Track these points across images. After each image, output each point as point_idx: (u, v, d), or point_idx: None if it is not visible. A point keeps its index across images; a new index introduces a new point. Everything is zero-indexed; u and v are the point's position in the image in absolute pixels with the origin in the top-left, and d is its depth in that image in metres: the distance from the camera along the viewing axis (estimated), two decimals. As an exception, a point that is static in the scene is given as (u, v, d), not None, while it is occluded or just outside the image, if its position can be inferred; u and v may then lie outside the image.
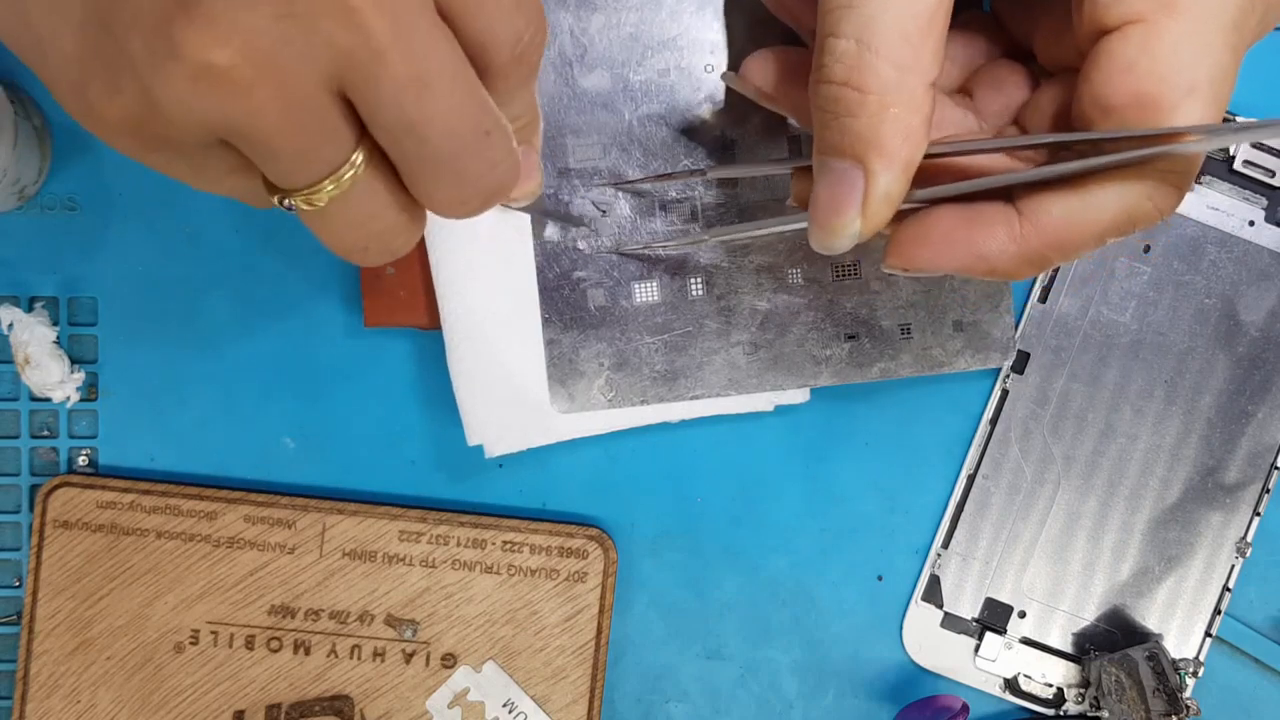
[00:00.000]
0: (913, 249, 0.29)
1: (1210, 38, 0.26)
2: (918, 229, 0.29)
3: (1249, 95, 0.39)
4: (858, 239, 0.28)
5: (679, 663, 0.41)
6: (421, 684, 0.39)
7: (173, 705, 0.38)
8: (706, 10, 0.36)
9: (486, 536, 0.39)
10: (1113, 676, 0.39)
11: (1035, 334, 0.40)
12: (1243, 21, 0.26)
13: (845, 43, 0.27)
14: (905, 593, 0.41)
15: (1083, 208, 0.27)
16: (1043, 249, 0.28)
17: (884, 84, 0.26)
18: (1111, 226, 0.28)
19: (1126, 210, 0.27)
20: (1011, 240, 0.28)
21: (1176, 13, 0.26)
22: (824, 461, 0.40)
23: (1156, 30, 0.26)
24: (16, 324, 0.38)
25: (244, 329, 0.39)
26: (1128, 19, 0.26)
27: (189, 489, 0.39)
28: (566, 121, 0.36)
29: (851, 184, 0.28)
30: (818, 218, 0.28)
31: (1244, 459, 0.40)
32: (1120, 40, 0.26)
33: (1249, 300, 0.39)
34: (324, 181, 0.25)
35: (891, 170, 0.27)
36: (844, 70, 0.27)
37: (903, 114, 0.27)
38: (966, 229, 0.28)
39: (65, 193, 0.39)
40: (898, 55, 0.26)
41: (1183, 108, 0.26)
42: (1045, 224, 0.28)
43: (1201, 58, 0.26)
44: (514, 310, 0.37)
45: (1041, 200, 0.28)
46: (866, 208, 0.28)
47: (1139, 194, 0.27)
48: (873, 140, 0.27)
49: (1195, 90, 0.26)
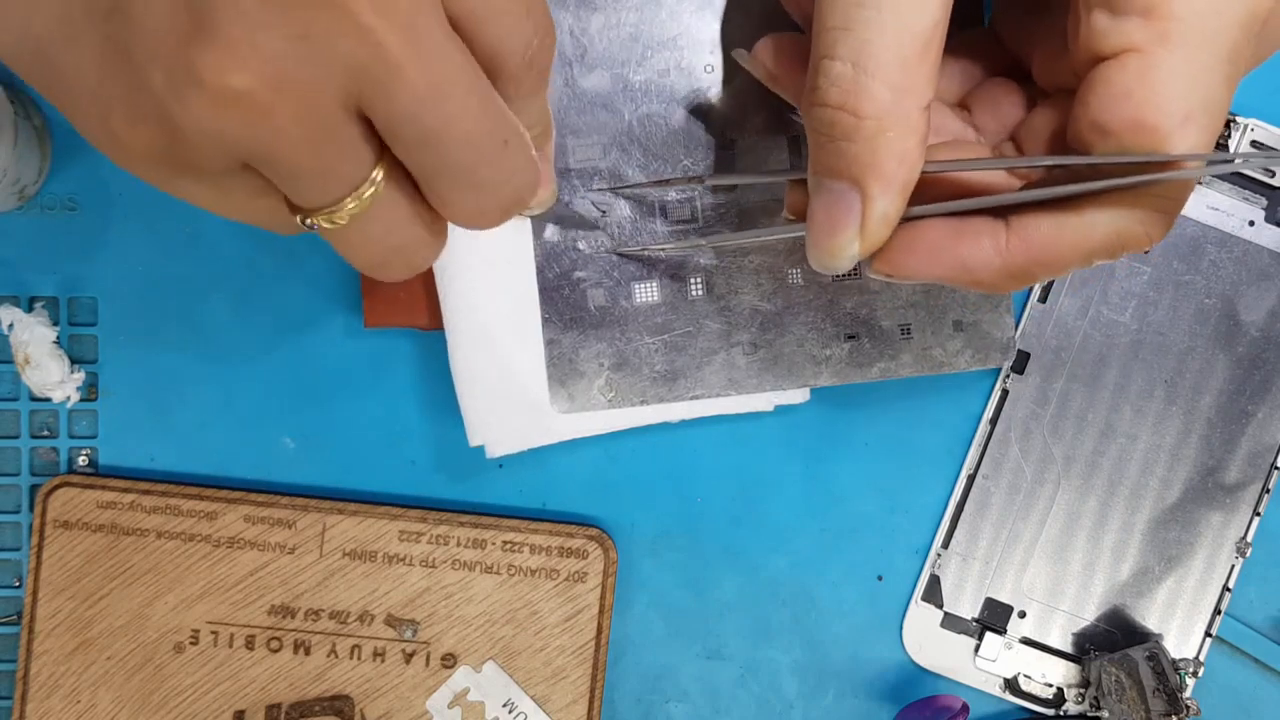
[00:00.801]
0: (899, 256, 0.29)
1: (1205, 68, 0.26)
2: (905, 238, 0.29)
3: (1249, 95, 0.39)
4: (856, 259, 0.29)
5: (679, 663, 0.41)
6: (421, 684, 0.39)
7: (173, 705, 0.38)
8: (706, 10, 0.36)
9: (486, 536, 0.39)
10: (1113, 676, 0.39)
11: (1035, 334, 0.40)
12: (1237, 53, 0.26)
13: (841, 66, 0.27)
14: (905, 593, 0.41)
15: (1072, 226, 0.28)
16: (1028, 263, 0.28)
17: (880, 108, 0.26)
18: (1100, 248, 0.28)
19: (1118, 233, 0.27)
20: (997, 253, 0.28)
21: (1172, 44, 0.26)
22: (824, 461, 0.40)
23: (1153, 60, 0.26)
24: (16, 324, 0.38)
25: (244, 329, 0.39)
26: (1124, 48, 0.26)
27: (189, 489, 0.39)
28: (566, 121, 0.36)
29: (848, 205, 0.28)
30: (815, 238, 0.29)
31: (1244, 459, 0.40)
32: (1117, 68, 0.26)
33: (1249, 300, 0.39)
34: (345, 200, 0.25)
35: (889, 193, 0.27)
36: (839, 94, 0.27)
37: (898, 137, 0.27)
38: (953, 240, 0.29)
39: (65, 193, 0.39)
40: (893, 79, 0.26)
41: (1179, 135, 0.26)
42: (1032, 239, 0.28)
43: (1197, 88, 0.26)
44: (514, 310, 0.37)
45: (1031, 216, 0.28)
46: (864, 229, 0.28)
47: (1131, 218, 0.27)
48: (869, 164, 0.27)
49: (1191, 118, 0.26)
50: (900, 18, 0.26)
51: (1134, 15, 0.26)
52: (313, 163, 0.23)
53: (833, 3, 0.27)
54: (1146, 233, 0.28)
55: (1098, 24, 0.27)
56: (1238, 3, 0.26)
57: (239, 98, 0.22)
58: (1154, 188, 0.27)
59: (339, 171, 0.24)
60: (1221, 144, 0.39)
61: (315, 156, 0.23)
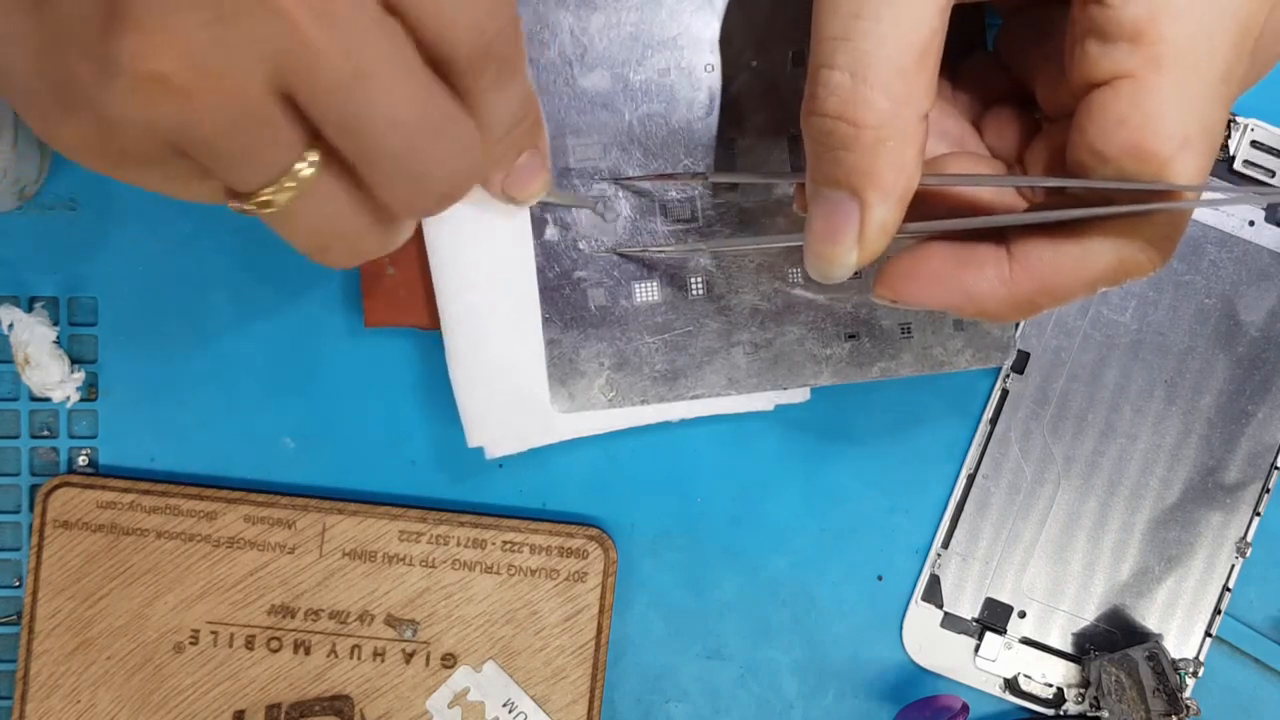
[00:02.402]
0: (902, 282, 0.29)
1: (1199, 91, 0.26)
2: (909, 263, 0.29)
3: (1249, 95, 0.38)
4: (854, 269, 0.28)
5: (679, 663, 0.41)
6: (421, 684, 0.39)
7: (173, 705, 0.38)
8: (706, 10, 0.36)
9: (486, 536, 0.39)
10: (1113, 676, 0.39)
11: (1035, 334, 0.40)
12: (1230, 74, 0.26)
13: (839, 75, 0.27)
14: (905, 593, 0.41)
15: (1075, 256, 0.28)
16: (1032, 294, 0.28)
17: (879, 118, 0.26)
18: (1104, 276, 0.28)
19: (1121, 260, 0.27)
20: (1001, 283, 0.28)
21: (1164, 68, 0.26)
22: (824, 461, 0.40)
23: (1146, 86, 0.26)
24: (16, 324, 0.38)
25: (244, 329, 0.39)
26: (1117, 74, 0.26)
27: (189, 489, 0.39)
28: (566, 121, 0.36)
29: (847, 215, 0.28)
30: (813, 247, 0.29)
31: (1244, 459, 0.40)
32: (1111, 95, 0.26)
33: (1249, 300, 0.39)
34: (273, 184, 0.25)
35: (887, 202, 0.27)
36: (838, 104, 0.27)
37: (897, 147, 0.27)
38: (957, 268, 0.29)
39: (65, 193, 0.39)
40: (892, 89, 0.26)
41: (1178, 160, 0.26)
42: (1036, 268, 0.28)
43: (1192, 110, 0.26)
44: (514, 310, 0.37)
45: (1034, 245, 0.28)
46: (863, 238, 0.28)
47: (1134, 247, 0.27)
48: (868, 173, 0.27)
49: (1189, 142, 0.26)
50: (898, 28, 0.26)
51: (1123, 41, 0.26)
52: (238, 147, 0.23)
53: (831, 13, 0.27)
54: (1150, 260, 0.27)
55: (1090, 50, 0.26)
56: (1229, 22, 0.26)
57: (158, 83, 0.22)
58: (1156, 215, 0.27)
59: (266, 156, 0.24)
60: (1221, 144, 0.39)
61: (240, 141, 0.23)
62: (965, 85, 0.34)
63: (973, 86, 0.34)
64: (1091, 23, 0.26)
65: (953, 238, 0.29)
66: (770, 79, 0.37)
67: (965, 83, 0.34)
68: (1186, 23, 0.25)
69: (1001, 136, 0.32)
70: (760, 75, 0.36)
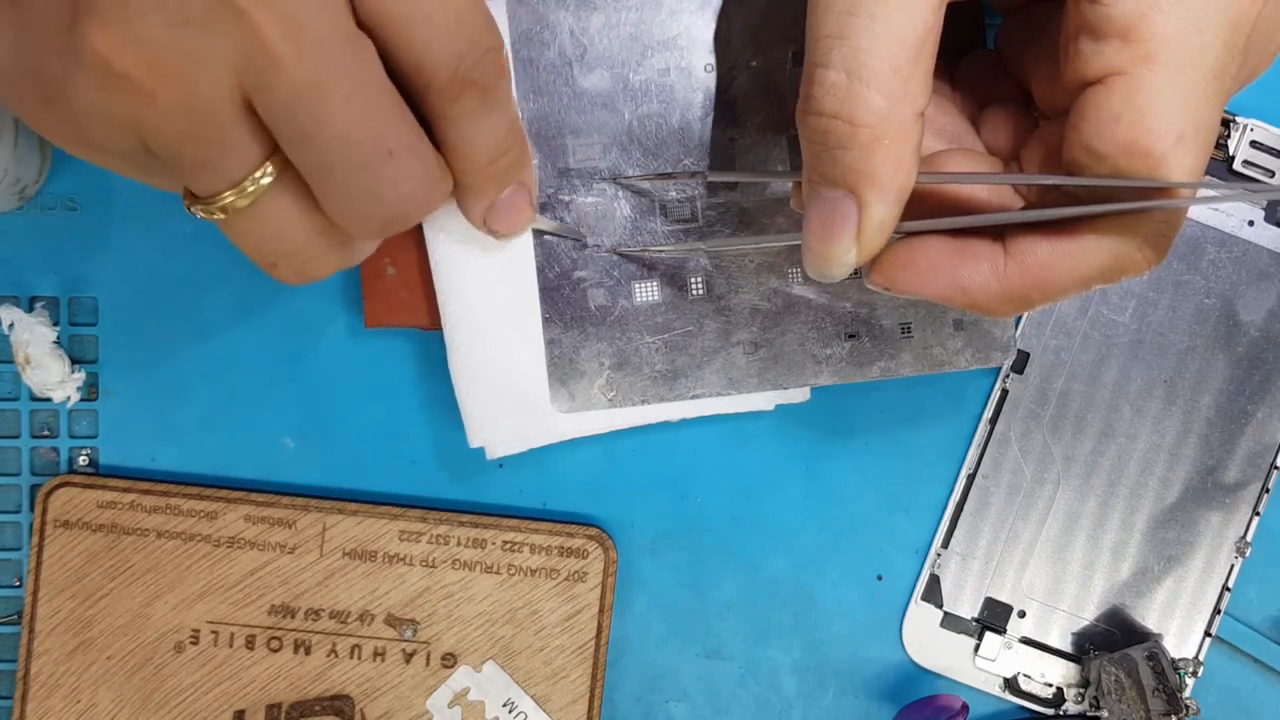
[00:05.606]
0: (897, 270, 0.29)
1: (1192, 88, 0.26)
2: (904, 252, 0.29)
3: (1249, 95, 0.38)
4: (853, 268, 0.29)
5: (679, 663, 0.41)
6: (421, 684, 0.39)
7: (173, 705, 0.38)
8: (706, 10, 0.36)
9: (486, 536, 0.39)
10: (1112, 676, 0.39)
11: (1035, 334, 0.40)
12: (1223, 71, 0.26)
13: (835, 74, 0.26)
14: (905, 592, 0.41)
15: (1070, 252, 0.28)
16: (1025, 289, 0.28)
17: (875, 116, 0.26)
18: (1098, 274, 0.28)
19: (1115, 258, 0.28)
20: (995, 277, 0.28)
21: (1156, 65, 0.26)
22: (824, 461, 0.40)
23: (1138, 82, 0.26)
24: (17, 324, 0.38)
25: (244, 329, 0.39)
26: (1109, 72, 0.26)
27: (189, 489, 0.39)
28: (566, 121, 0.36)
29: (845, 213, 0.28)
30: (812, 246, 0.29)
31: (1243, 459, 0.40)
32: (1105, 92, 0.26)
33: (1248, 300, 0.39)
34: (225, 193, 0.25)
35: (885, 200, 0.27)
36: (834, 103, 0.27)
37: (894, 145, 0.27)
38: (952, 259, 0.29)
39: (65, 193, 0.39)
40: (888, 87, 0.26)
41: (1172, 157, 0.26)
42: (1030, 264, 0.28)
43: (1186, 107, 0.26)
44: (514, 310, 0.37)
45: (1029, 241, 0.28)
46: (861, 237, 0.28)
47: (1129, 244, 0.27)
48: (865, 171, 0.27)
49: (1183, 139, 0.26)
50: (893, 26, 0.26)
51: (1115, 38, 0.26)
52: (193, 151, 0.24)
53: (825, 12, 0.27)
54: (1145, 258, 0.28)
55: (1083, 48, 0.26)
56: (1220, 18, 0.26)
57: (121, 81, 0.22)
58: (1151, 213, 0.27)
59: (224, 162, 0.24)
60: (1220, 144, 0.39)
61: (195, 145, 0.23)
62: (964, 83, 0.34)
63: (971, 85, 0.34)
64: (1084, 20, 0.26)
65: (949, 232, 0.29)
66: (769, 78, 0.37)
67: (964, 81, 0.34)
68: (1177, 19, 0.26)
69: (999, 134, 0.32)
70: (759, 75, 0.37)
